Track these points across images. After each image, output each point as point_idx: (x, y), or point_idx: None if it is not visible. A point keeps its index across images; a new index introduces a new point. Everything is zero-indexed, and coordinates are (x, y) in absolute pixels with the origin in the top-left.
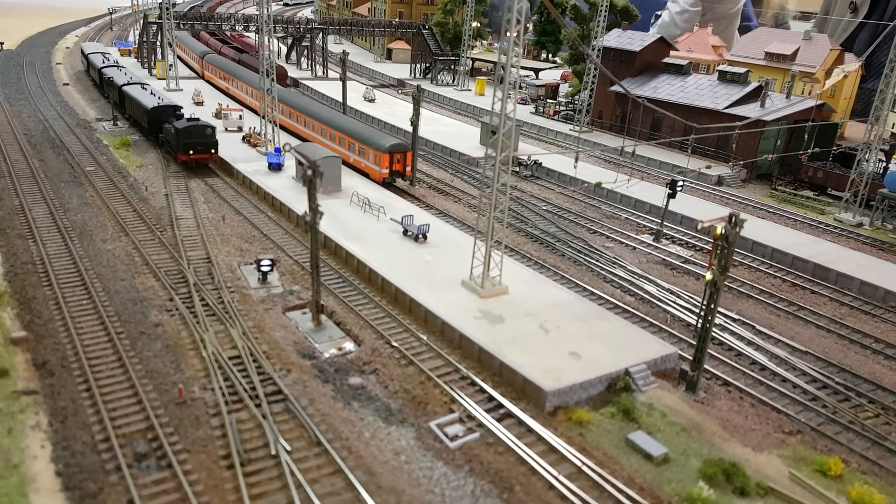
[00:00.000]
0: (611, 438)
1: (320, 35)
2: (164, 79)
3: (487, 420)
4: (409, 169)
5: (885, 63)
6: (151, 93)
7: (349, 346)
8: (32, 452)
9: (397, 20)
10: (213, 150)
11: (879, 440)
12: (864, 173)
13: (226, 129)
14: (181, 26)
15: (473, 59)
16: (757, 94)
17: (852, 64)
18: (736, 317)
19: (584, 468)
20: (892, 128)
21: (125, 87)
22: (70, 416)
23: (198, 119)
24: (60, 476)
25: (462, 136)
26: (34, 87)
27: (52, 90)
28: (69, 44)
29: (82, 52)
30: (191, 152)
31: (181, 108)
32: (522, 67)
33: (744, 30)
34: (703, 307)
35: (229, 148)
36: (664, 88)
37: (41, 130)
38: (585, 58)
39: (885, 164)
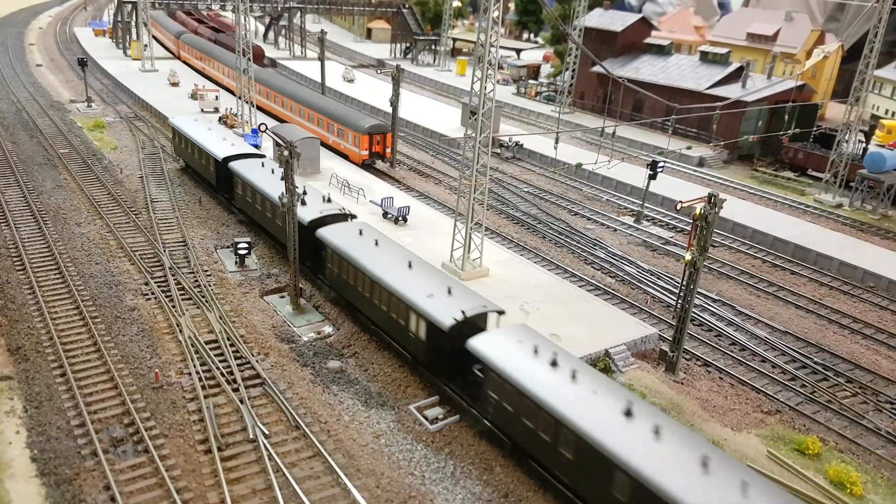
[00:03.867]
0: None
1: (298, 14)
2: (138, 59)
3: (467, 402)
4: (388, 150)
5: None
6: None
7: (328, 329)
8: (7, 438)
9: None
10: None
11: (857, 419)
12: (844, 154)
13: (202, 109)
14: (156, 6)
15: (454, 39)
16: (738, 75)
17: (832, 45)
18: (716, 297)
19: None
20: (872, 109)
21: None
22: (45, 401)
23: None
24: (36, 462)
25: (443, 118)
26: (6, 68)
27: (24, 71)
28: (42, 24)
29: (210, 155)
30: None
31: None
32: (503, 47)
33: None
34: (683, 288)
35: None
36: (646, 69)
37: (14, 112)
38: (567, 38)
39: (864, 145)
